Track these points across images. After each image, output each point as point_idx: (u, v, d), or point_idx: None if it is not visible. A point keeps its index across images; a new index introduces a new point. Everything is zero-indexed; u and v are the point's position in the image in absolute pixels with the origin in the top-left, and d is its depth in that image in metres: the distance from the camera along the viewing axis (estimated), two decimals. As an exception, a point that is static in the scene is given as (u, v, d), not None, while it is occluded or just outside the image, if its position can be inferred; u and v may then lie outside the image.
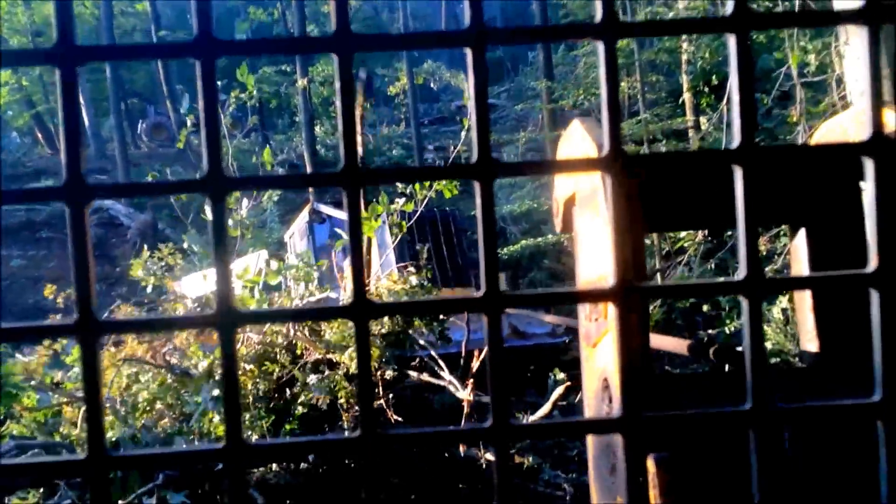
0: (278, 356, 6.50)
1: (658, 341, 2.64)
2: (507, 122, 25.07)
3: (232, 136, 24.22)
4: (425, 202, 8.90)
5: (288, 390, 6.44)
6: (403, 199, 8.35)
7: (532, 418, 6.62)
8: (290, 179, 0.61)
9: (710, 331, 10.28)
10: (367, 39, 0.55)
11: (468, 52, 0.55)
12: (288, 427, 6.19)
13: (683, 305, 10.92)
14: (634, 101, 16.83)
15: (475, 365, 6.23)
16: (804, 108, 9.74)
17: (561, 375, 6.47)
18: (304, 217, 13.09)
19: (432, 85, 24.70)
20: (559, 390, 6.31)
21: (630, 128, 14.93)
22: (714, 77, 13.74)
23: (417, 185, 8.06)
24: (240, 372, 6.22)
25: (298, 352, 6.53)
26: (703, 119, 14.15)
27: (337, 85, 0.55)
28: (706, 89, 14.09)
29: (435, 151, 25.02)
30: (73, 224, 0.52)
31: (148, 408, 6.01)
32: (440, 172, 0.62)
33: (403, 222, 8.55)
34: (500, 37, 0.56)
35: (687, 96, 14.67)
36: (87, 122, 26.86)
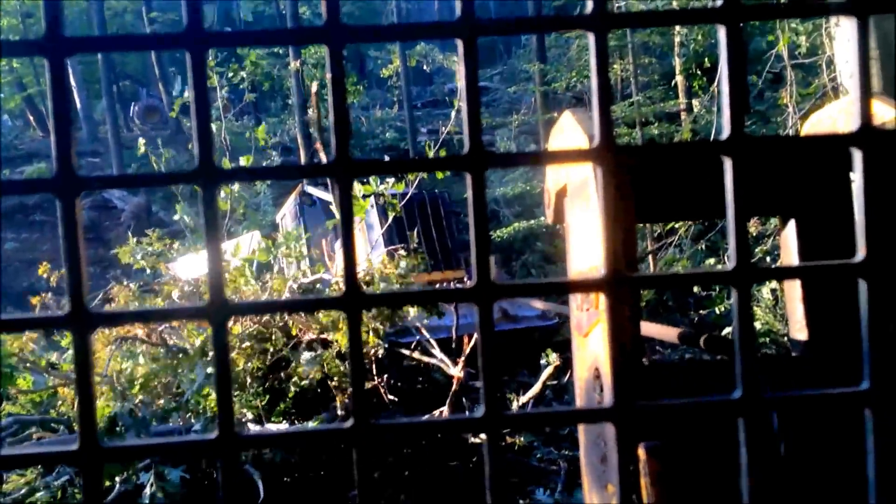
0: (273, 336, 6.54)
1: (649, 329, 2.65)
2: (501, 105, 25.06)
3: (225, 118, 24.16)
4: (416, 182, 8.89)
5: (283, 373, 6.47)
6: (393, 180, 8.36)
7: (523, 399, 6.78)
8: (282, 170, 0.61)
9: (700, 311, 10.30)
10: (359, 31, 0.55)
11: (459, 43, 0.55)
12: (282, 406, 6.21)
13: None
14: (627, 84, 16.81)
15: (467, 349, 6.28)
16: (794, 90, 9.79)
17: (553, 356, 6.54)
18: (294, 200, 12.90)
19: (425, 67, 24.60)
20: (548, 370, 6.44)
21: (623, 111, 14.89)
22: (706, 59, 13.72)
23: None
24: (234, 352, 6.27)
25: (293, 332, 6.55)
26: (695, 102, 14.13)
27: (328, 76, 0.55)
28: (698, 72, 14.07)
29: (428, 134, 24.99)
30: (64, 216, 0.52)
31: (145, 384, 6.02)
32: (432, 164, 0.62)
33: (396, 201, 8.56)
34: (492, 28, 0.56)
35: (679, 79, 14.65)
36: (79, 105, 26.72)
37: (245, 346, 6.41)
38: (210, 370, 5.63)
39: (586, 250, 1.97)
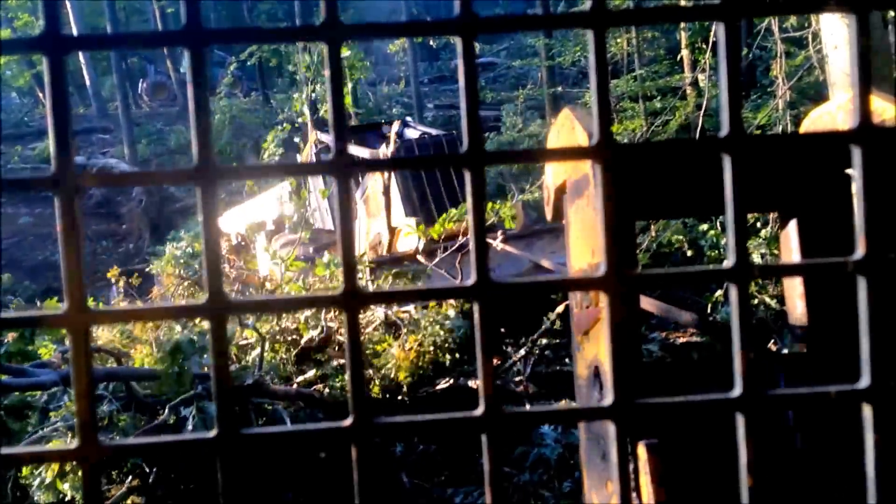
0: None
1: (659, 307, 2.61)
2: (507, 80, 25.08)
3: (232, 95, 24.14)
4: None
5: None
6: (398, 125, 8.43)
7: (515, 357, 7.26)
8: (283, 168, 0.62)
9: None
10: (357, 28, 0.55)
11: (458, 40, 0.55)
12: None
13: (671, 250, 10.74)
14: (632, 59, 16.72)
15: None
16: (784, 62, 9.86)
17: (553, 315, 7.01)
18: (310, 150, 12.24)
19: (432, 43, 24.51)
20: (541, 331, 7.04)
21: (627, 85, 14.76)
22: (712, 34, 13.65)
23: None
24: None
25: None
26: (700, 76, 14.04)
27: (327, 73, 0.55)
28: (704, 46, 14.00)
29: (435, 109, 24.94)
30: (63, 213, 0.52)
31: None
32: (430, 161, 0.62)
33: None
34: (491, 25, 0.56)
35: (685, 53, 14.55)
36: (88, 82, 26.76)
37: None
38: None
39: (586, 248, 1.97)
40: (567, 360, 6.95)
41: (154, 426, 5.64)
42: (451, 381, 6.81)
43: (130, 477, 5.79)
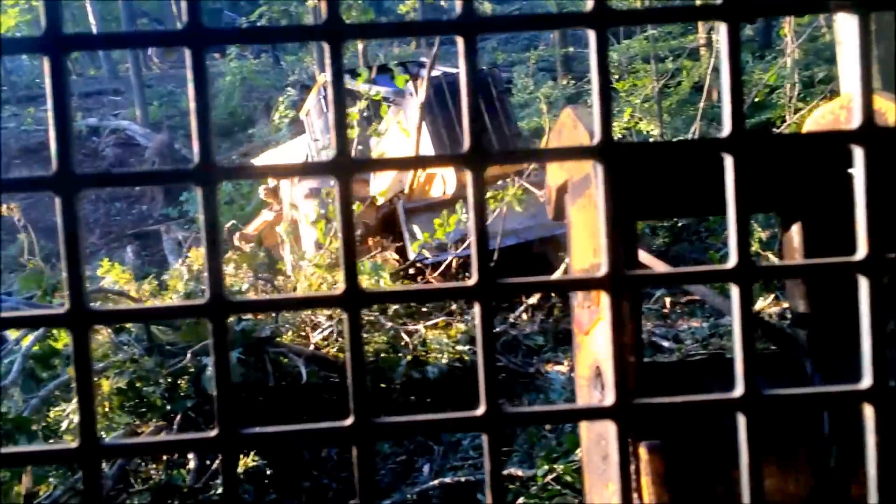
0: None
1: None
2: (519, 42, 25.01)
3: (242, 56, 24.12)
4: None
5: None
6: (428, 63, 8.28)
7: (511, 317, 7.65)
8: (284, 169, 0.62)
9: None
10: (358, 28, 0.55)
11: (459, 40, 0.55)
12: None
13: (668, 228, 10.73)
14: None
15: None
16: (793, 21, 9.95)
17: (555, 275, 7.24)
18: (317, 94, 11.67)
19: (442, 3, 24.35)
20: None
21: (640, 45, 14.61)
22: None
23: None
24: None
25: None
26: (715, 37, 13.95)
27: (328, 73, 0.55)
28: (719, 2, 13.94)
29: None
30: (63, 213, 0.52)
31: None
32: (430, 160, 0.62)
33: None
34: (492, 25, 0.56)
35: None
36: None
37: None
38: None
39: (587, 247, 1.97)
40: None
41: (176, 369, 6.00)
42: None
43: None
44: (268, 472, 5.82)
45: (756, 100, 12.49)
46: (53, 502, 5.30)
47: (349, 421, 0.54)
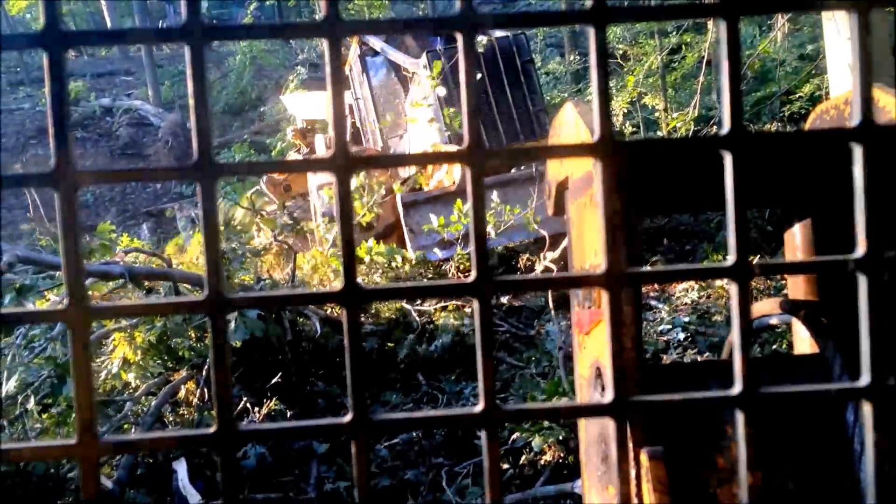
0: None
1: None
2: None
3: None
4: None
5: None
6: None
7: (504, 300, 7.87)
8: (283, 164, 0.62)
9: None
10: (357, 24, 0.55)
11: (459, 37, 0.55)
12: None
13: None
14: None
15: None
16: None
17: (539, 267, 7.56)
18: (354, 51, 11.22)
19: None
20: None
21: (648, 23, 14.65)
22: None
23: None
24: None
25: None
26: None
27: (327, 70, 0.55)
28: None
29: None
30: (62, 210, 0.52)
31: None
32: (432, 157, 0.62)
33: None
34: (491, 22, 0.56)
35: None
36: (109, 24, 26.96)
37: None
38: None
39: (588, 246, 1.97)
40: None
41: (201, 323, 6.41)
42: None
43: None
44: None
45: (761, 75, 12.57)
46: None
47: (348, 417, 0.54)
